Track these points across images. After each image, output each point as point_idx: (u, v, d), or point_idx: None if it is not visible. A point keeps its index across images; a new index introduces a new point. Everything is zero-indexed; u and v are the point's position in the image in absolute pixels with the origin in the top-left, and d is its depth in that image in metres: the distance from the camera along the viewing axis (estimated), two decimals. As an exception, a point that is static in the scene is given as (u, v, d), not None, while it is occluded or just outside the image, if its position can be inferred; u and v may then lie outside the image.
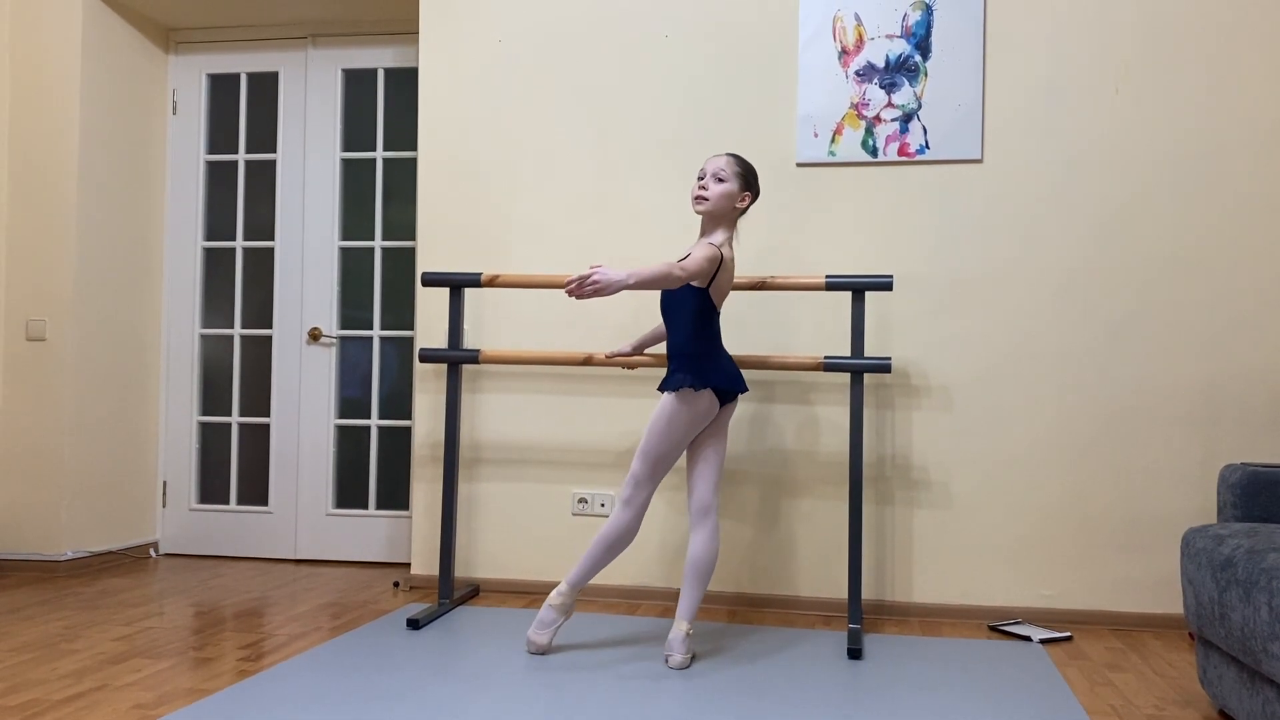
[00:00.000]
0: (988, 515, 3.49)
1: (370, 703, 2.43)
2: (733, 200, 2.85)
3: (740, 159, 2.90)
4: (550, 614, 2.88)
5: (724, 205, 2.84)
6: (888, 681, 2.70)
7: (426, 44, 3.89)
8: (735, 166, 2.87)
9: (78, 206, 4.05)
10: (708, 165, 2.87)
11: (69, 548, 4.03)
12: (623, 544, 2.87)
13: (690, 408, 2.79)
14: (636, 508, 2.86)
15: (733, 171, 2.85)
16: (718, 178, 2.84)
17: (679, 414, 2.79)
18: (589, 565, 2.89)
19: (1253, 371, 3.37)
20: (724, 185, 2.83)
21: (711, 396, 2.82)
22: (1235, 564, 2.15)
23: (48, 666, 2.70)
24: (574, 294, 2.51)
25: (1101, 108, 3.46)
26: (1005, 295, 3.50)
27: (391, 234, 4.38)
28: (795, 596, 3.58)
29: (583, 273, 2.50)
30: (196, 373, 4.51)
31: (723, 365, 2.86)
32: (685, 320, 2.82)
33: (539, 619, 2.89)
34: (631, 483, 2.86)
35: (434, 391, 3.83)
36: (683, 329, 2.83)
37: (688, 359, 2.81)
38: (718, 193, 2.83)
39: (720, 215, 2.85)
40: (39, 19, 4.06)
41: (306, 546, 4.36)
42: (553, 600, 2.89)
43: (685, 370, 2.79)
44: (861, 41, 3.58)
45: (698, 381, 2.78)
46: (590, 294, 2.49)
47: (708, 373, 2.80)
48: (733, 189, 2.84)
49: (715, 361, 2.85)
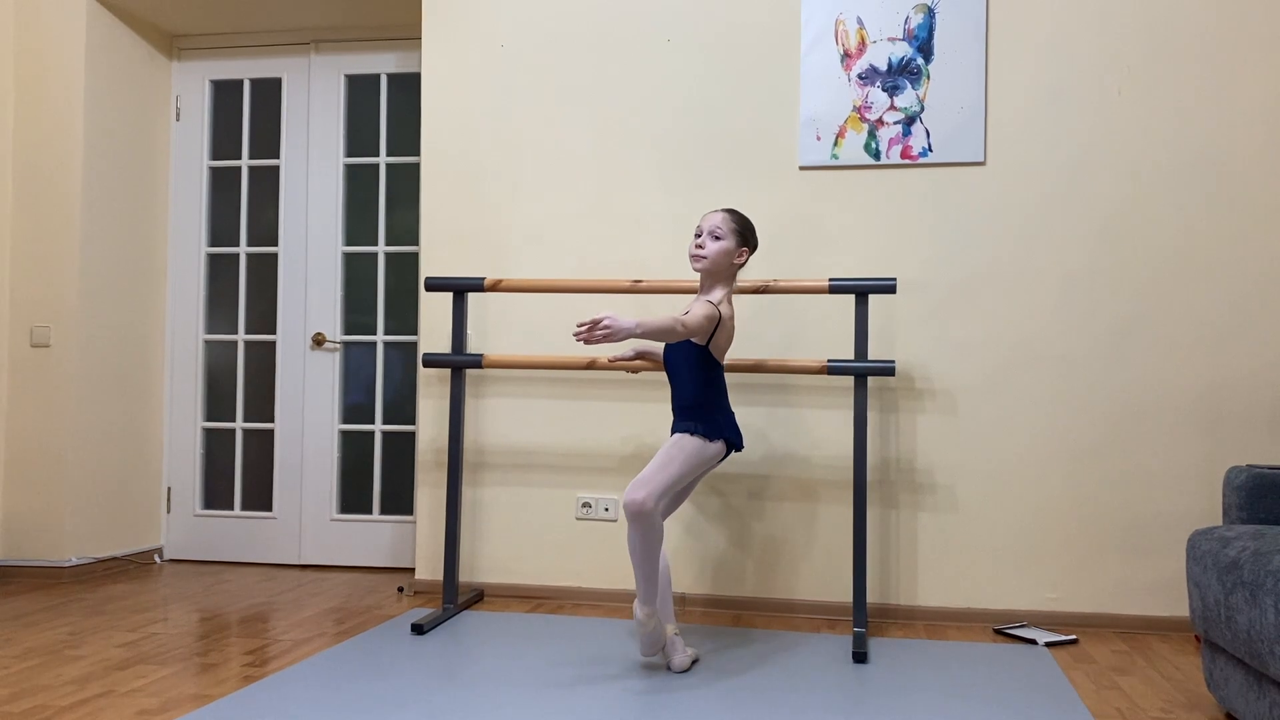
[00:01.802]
0: (992, 518, 3.48)
1: (375, 708, 2.42)
2: (730, 257, 2.84)
3: (736, 215, 2.88)
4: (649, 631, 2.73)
5: (722, 263, 2.83)
6: (893, 685, 2.70)
7: (429, 49, 3.89)
8: (732, 223, 2.84)
9: (82, 213, 4.06)
10: (704, 222, 2.86)
11: (73, 554, 4.03)
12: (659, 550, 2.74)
13: (706, 450, 2.79)
14: (658, 521, 2.70)
15: (729, 229, 2.83)
16: (714, 235, 2.82)
17: (697, 451, 2.77)
18: (649, 582, 2.72)
19: (1258, 373, 3.36)
20: (721, 243, 2.82)
21: (722, 446, 2.83)
22: (1241, 566, 2.14)
23: (53, 672, 2.71)
24: (583, 339, 2.53)
25: (1104, 110, 3.46)
26: (1009, 297, 3.50)
27: (395, 239, 4.38)
28: (800, 600, 3.58)
29: (594, 318, 2.52)
30: (200, 378, 4.51)
31: (729, 419, 2.87)
32: (690, 376, 2.83)
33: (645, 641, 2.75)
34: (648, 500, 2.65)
35: (438, 396, 3.83)
36: (688, 384, 2.83)
37: (694, 411, 2.81)
38: (715, 250, 2.82)
39: (718, 273, 2.84)
40: (43, 25, 4.08)
41: (311, 552, 4.37)
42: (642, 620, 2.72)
43: (696, 420, 2.78)
44: (864, 45, 3.58)
45: (711, 433, 2.78)
46: (600, 339, 2.52)
47: (720, 426, 2.82)
48: (729, 246, 2.83)
49: (723, 416, 2.85)
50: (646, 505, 2.63)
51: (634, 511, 2.63)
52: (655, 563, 2.71)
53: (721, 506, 3.63)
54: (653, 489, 2.64)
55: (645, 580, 2.70)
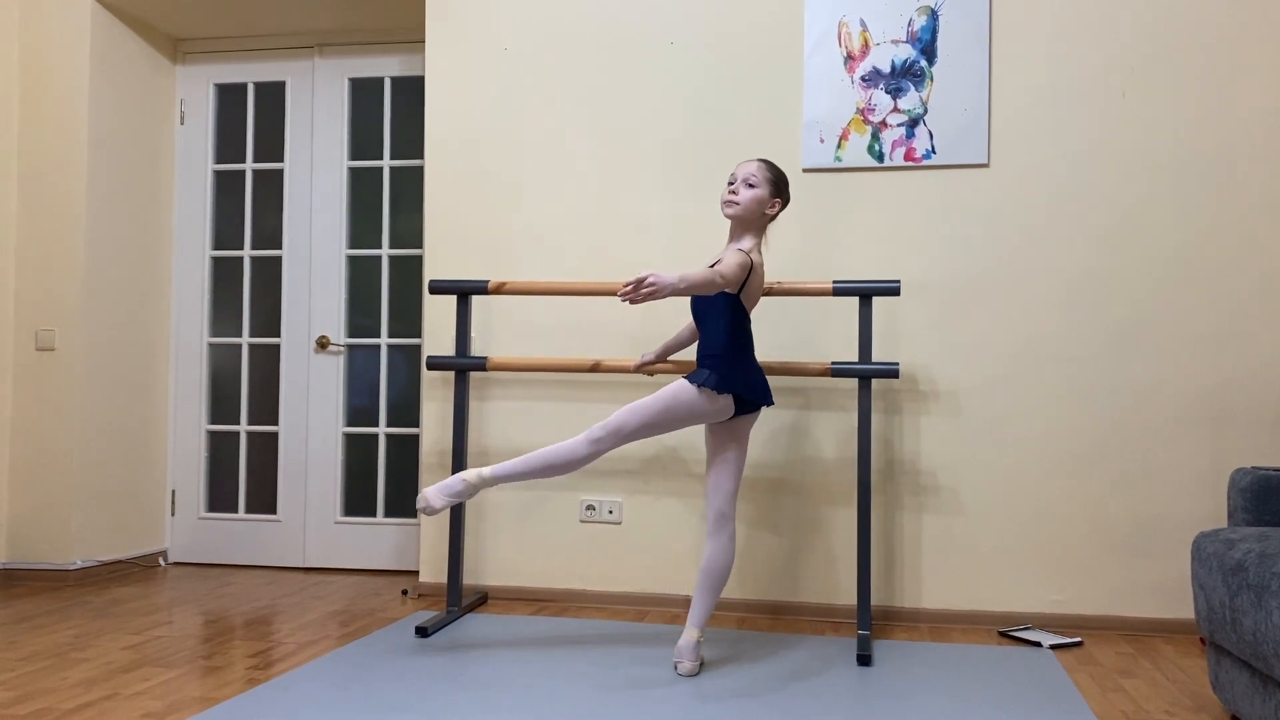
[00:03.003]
0: (997, 520, 3.48)
1: (379, 711, 2.43)
2: (762, 206, 2.84)
3: (771, 165, 2.88)
4: (460, 485, 2.78)
5: (754, 210, 2.83)
6: (897, 688, 2.69)
7: (433, 52, 3.90)
8: (766, 172, 2.85)
9: (86, 216, 4.06)
10: (738, 170, 2.86)
11: (78, 557, 4.04)
12: (559, 472, 2.79)
13: (698, 403, 2.75)
14: (593, 454, 2.74)
15: (764, 177, 2.84)
16: (748, 183, 2.83)
17: (686, 401, 2.74)
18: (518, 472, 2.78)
19: (1263, 374, 3.36)
20: (754, 191, 2.82)
21: (728, 401, 2.79)
22: (1246, 568, 2.14)
23: (58, 675, 2.71)
24: (629, 298, 2.52)
25: (1108, 111, 3.46)
26: (1013, 299, 3.50)
27: (399, 242, 4.39)
28: (804, 603, 3.57)
29: (638, 276, 2.51)
30: (205, 382, 4.52)
31: (750, 373, 2.84)
32: (719, 325, 2.81)
33: (448, 485, 2.78)
34: (609, 431, 2.72)
35: (442, 399, 3.83)
36: (716, 334, 2.82)
37: (718, 360, 2.80)
38: (748, 198, 2.82)
39: (750, 221, 2.84)
40: (47, 30, 4.09)
41: (315, 555, 4.37)
42: (469, 477, 2.78)
43: (713, 369, 2.77)
44: (867, 47, 3.58)
45: (721, 385, 2.76)
46: (645, 297, 2.50)
47: (733, 379, 2.78)
48: (763, 194, 2.83)
49: (743, 368, 2.82)
50: (604, 442, 2.72)
51: (591, 436, 2.72)
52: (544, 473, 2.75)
53: (725, 509, 3.63)
54: (622, 428, 2.71)
55: (518, 469, 2.76)
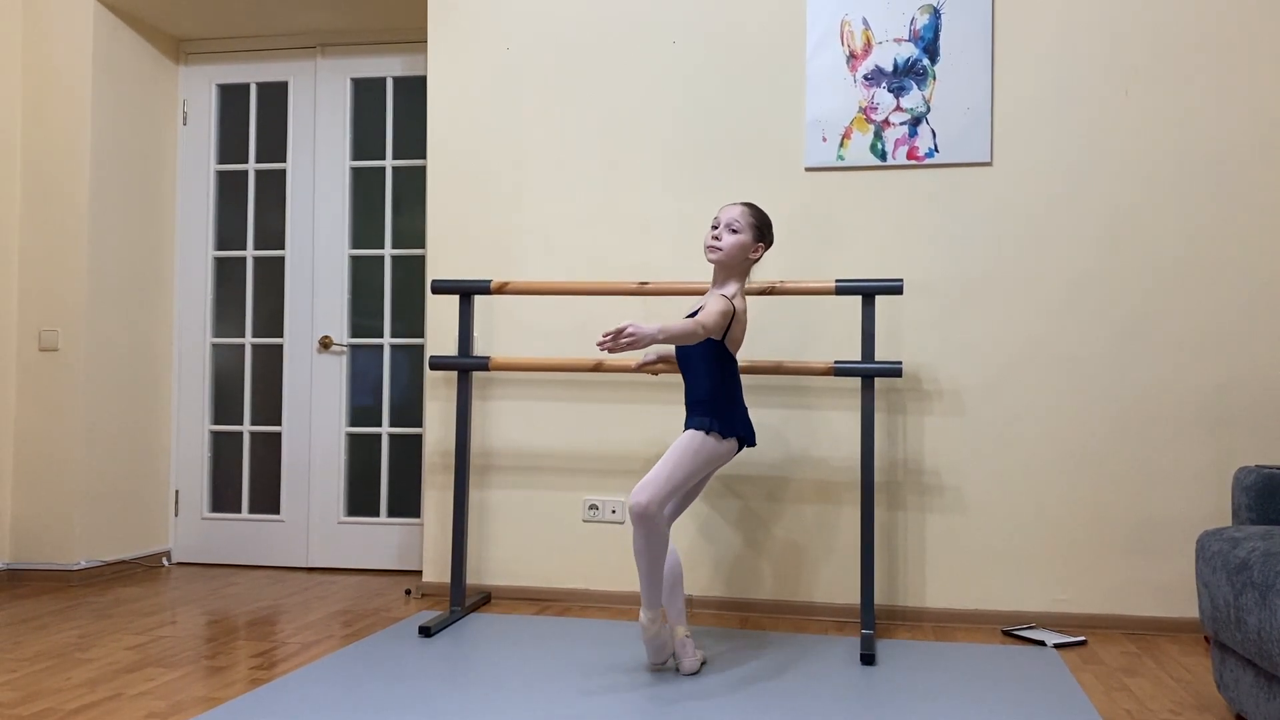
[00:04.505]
0: (1000, 519, 3.48)
1: (382, 711, 2.43)
2: (746, 251, 2.82)
3: (755, 209, 2.86)
4: (654, 636, 2.74)
5: (736, 257, 2.81)
6: (901, 687, 2.69)
7: (435, 52, 3.90)
8: (749, 217, 2.83)
9: (89, 217, 4.07)
10: (721, 215, 2.84)
11: (82, 557, 4.04)
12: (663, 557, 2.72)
13: (718, 448, 2.76)
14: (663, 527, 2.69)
15: (746, 223, 2.82)
16: (731, 228, 2.80)
17: (708, 449, 2.73)
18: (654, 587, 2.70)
19: (1266, 373, 3.35)
20: (738, 236, 2.80)
21: (734, 443, 2.79)
22: (1250, 567, 2.13)
23: (61, 675, 2.71)
24: (608, 348, 2.52)
25: (1111, 110, 3.45)
26: (1016, 298, 3.49)
27: (401, 242, 4.39)
28: (808, 602, 3.57)
29: (617, 327, 2.51)
30: (208, 382, 4.52)
31: (743, 416, 2.84)
32: (705, 372, 2.80)
33: (652, 647, 2.76)
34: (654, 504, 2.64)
35: (445, 399, 3.83)
36: (703, 380, 2.80)
37: (708, 405, 2.78)
38: (731, 243, 2.80)
39: (733, 266, 2.83)
40: (50, 31, 4.09)
41: (318, 555, 4.37)
42: (646, 625, 2.71)
43: (711, 416, 2.75)
44: (869, 45, 3.57)
45: (725, 430, 2.75)
46: (624, 347, 2.51)
47: (733, 422, 2.78)
48: (746, 240, 2.81)
49: (736, 411, 2.82)
50: (651, 508, 2.61)
51: (639, 514, 2.61)
52: (660, 567, 2.68)
53: (731, 509, 3.63)
54: (658, 491, 2.62)
55: (649, 585, 2.68)
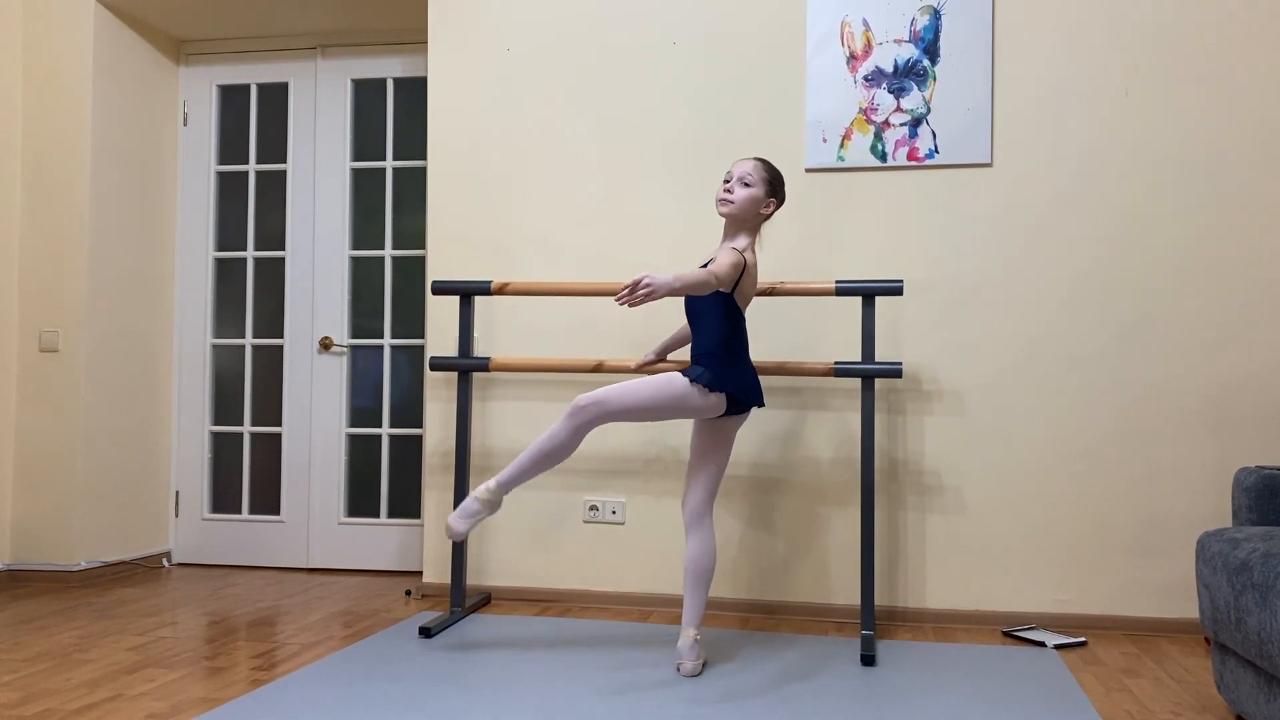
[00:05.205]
0: (1000, 520, 3.48)
1: (382, 712, 2.43)
2: (757, 206, 2.83)
3: (768, 164, 2.87)
4: (475, 505, 2.79)
5: (749, 210, 2.82)
6: (901, 688, 2.69)
7: (435, 53, 3.90)
8: (762, 172, 2.84)
9: (90, 218, 4.07)
10: (734, 169, 2.85)
11: (82, 558, 4.04)
12: (557, 458, 2.77)
13: (689, 395, 2.74)
14: (575, 426, 2.72)
15: (759, 177, 2.83)
16: (744, 182, 2.82)
17: (675, 391, 2.73)
18: (520, 470, 2.78)
19: (1266, 373, 3.35)
20: (750, 190, 2.81)
21: (720, 399, 2.78)
22: (1251, 568, 2.13)
23: (62, 676, 2.71)
24: (626, 301, 2.52)
25: (1111, 110, 3.45)
26: (1016, 298, 3.49)
27: (401, 243, 4.39)
28: (808, 603, 3.57)
29: (633, 279, 2.51)
30: (208, 382, 4.52)
31: (744, 373, 2.83)
32: (712, 325, 2.81)
33: (464, 508, 2.79)
34: (592, 401, 2.70)
35: (445, 399, 3.83)
36: (710, 333, 2.81)
37: (711, 358, 2.79)
38: (743, 197, 2.81)
39: (744, 220, 2.84)
40: (51, 31, 4.09)
41: (318, 555, 4.37)
42: (480, 494, 2.79)
43: (707, 367, 2.77)
44: (869, 46, 3.57)
45: (715, 383, 2.75)
46: (641, 299, 2.51)
47: (727, 377, 2.77)
48: (758, 194, 2.82)
49: (738, 368, 2.82)
50: (590, 409, 2.69)
51: (573, 406, 2.70)
52: (545, 467, 2.76)
53: (732, 510, 3.63)
54: (605, 397, 2.69)
55: (519, 467, 2.75)
